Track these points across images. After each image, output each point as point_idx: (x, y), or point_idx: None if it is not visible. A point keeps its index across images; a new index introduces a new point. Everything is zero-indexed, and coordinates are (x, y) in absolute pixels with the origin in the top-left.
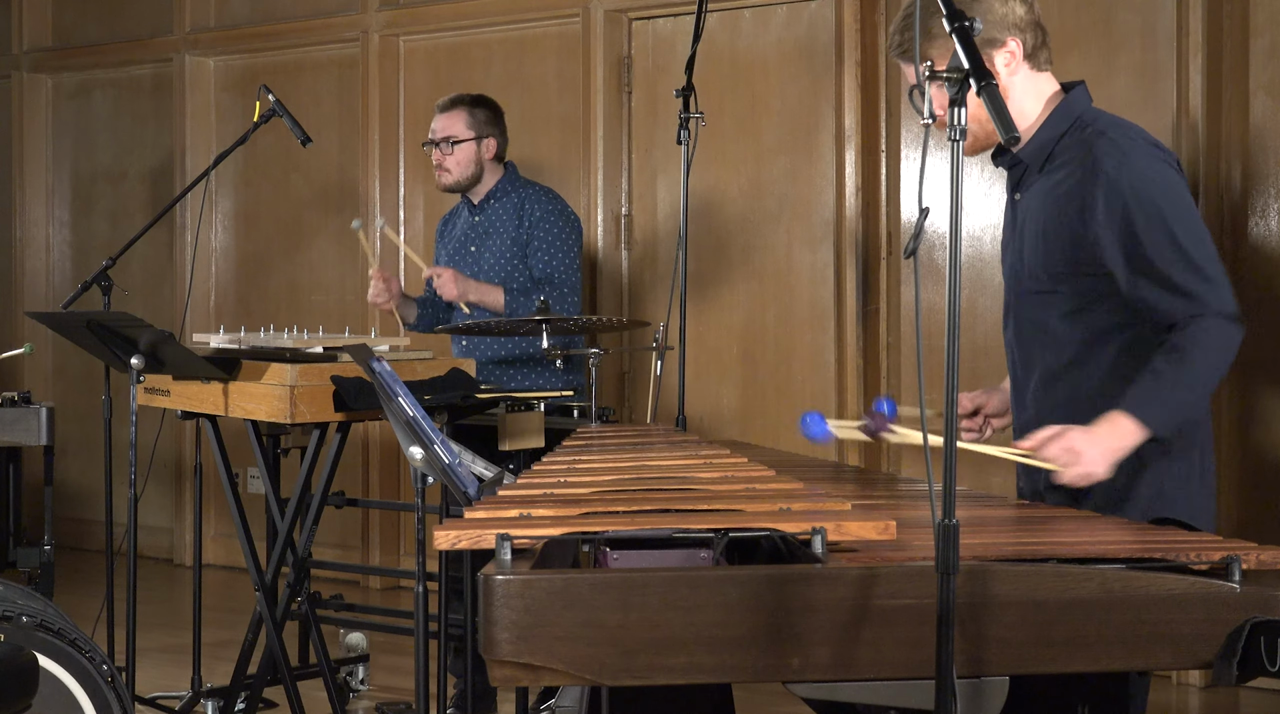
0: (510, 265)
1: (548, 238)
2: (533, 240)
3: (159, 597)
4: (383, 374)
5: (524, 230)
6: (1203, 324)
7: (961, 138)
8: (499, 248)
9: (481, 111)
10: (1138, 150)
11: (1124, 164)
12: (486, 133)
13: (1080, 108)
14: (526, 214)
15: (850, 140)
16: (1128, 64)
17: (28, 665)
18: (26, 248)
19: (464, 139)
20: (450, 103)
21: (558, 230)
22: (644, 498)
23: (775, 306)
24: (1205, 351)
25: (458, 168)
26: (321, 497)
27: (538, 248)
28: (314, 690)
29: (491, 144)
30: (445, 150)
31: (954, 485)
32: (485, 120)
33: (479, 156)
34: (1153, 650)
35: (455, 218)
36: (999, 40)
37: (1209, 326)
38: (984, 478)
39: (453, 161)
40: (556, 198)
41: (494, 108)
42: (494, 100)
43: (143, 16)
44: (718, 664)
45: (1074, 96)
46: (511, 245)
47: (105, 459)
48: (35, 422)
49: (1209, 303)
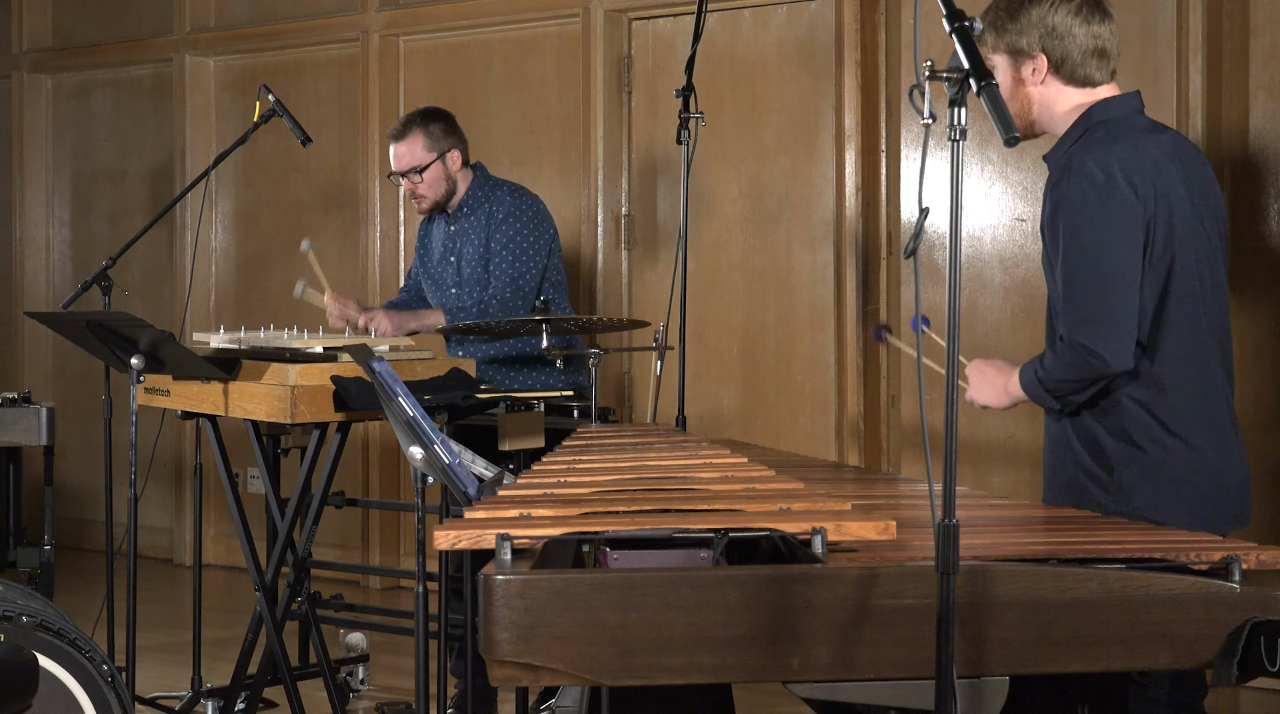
0: (485, 270)
1: (503, 238)
2: (491, 241)
3: (159, 597)
4: (383, 374)
5: (490, 231)
6: (1060, 347)
7: (961, 138)
8: (472, 255)
9: (436, 126)
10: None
11: (1065, 178)
12: (447, 146)
13: (1095, 119)
14: (491, 214)
15: (850, 140)
16: (1128, 64)
17: (28, 665)
18: (26, 248)
19: (428, 163)
20: (403, 128)
21: (517, 228)
22: (644, 498)
23: (775, 306)
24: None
25: (432, 190)
26: (321, 497)
27: (496, 249)
28: (314, 690)
29: (455, 156)
30: (414, 179)
31: (954, 485)
32: (442, 134)
33: (447, 172)
34: (1153, 650)
35: (432, 227)
36: (1026, 51)
37: (1063, 350)
38: (984, 478)
39: (425, 187)
40: (522, 195)
41: (446, 117)
42: (441, 108)
43: (143, 16)
44: (718, 664)
45: (1095, 109)
46: (482, 249)
47: (105, 459)
48: (35, 422)
49: (1068, 329)
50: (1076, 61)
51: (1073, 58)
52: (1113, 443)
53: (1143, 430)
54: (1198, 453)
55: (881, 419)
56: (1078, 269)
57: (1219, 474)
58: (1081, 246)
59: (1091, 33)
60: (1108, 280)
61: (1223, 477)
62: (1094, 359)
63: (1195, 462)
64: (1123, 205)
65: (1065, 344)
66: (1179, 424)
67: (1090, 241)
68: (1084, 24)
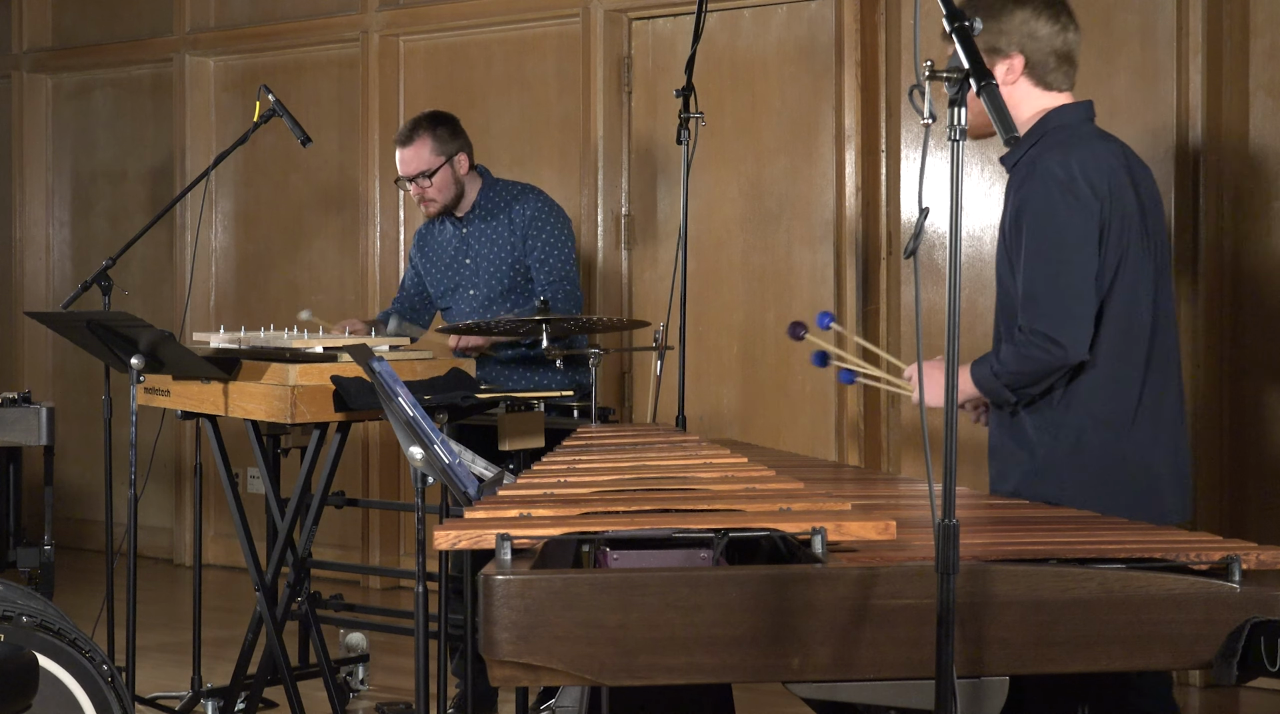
0: (512, 271)
1: (543, 237)
2: (528, 240)
3: (159, 597)
4: (383, 374)
5: (518, 233)
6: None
7: (961, 138)
8: (495, 256)
9: (443, 129)
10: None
11: (1029, 178)
12: (454, 149)
13: (1052, 124)
14: (518, 215)
15: (850, 140)
16: (1128, 64)
17: (28, 665)
18: (26, 248)
19: (437, 167)
20: (409, 133)
21: (551, 227)
22: (644, 498)
23: (775, 307)
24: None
25: (441, 194)
26: (321, 497)
27: (534, 247)
28: (314, 690)
29: (463, 158)
30: (422, 184)
31: (954, 485)
32: (449, 137)
33: (455, 175)
34: (1153, 650)
35: (436, 231)
36: (1003, 51)
37: (1022, 341)
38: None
39: (434, 191)
40: (542, 194)
41: (451, 120)
42: (446, 112)
43: (143, 16)
44: (718, 664)
45: (1053, 114)
46: (510, 251)
47: (105, 459)
48: (35, 422)
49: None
50: (1049, 66)
51: (1046, 62)
52: (1048, 436)
53: (1077, 423)
54: (1130, 446)
55: (881, 419)
56: (1042, 263)
57: (1149, 467)
58: (1046, 242)
59: (1066, 40)
60: (1071, 274)
61: (1154, 470)
62: (1057, 349)
63: (1126, 454)
64: (1084, 204)
65: (1028, 334)
66: (1113, 418)
67: (1055, 238)
68: (1061, 32)
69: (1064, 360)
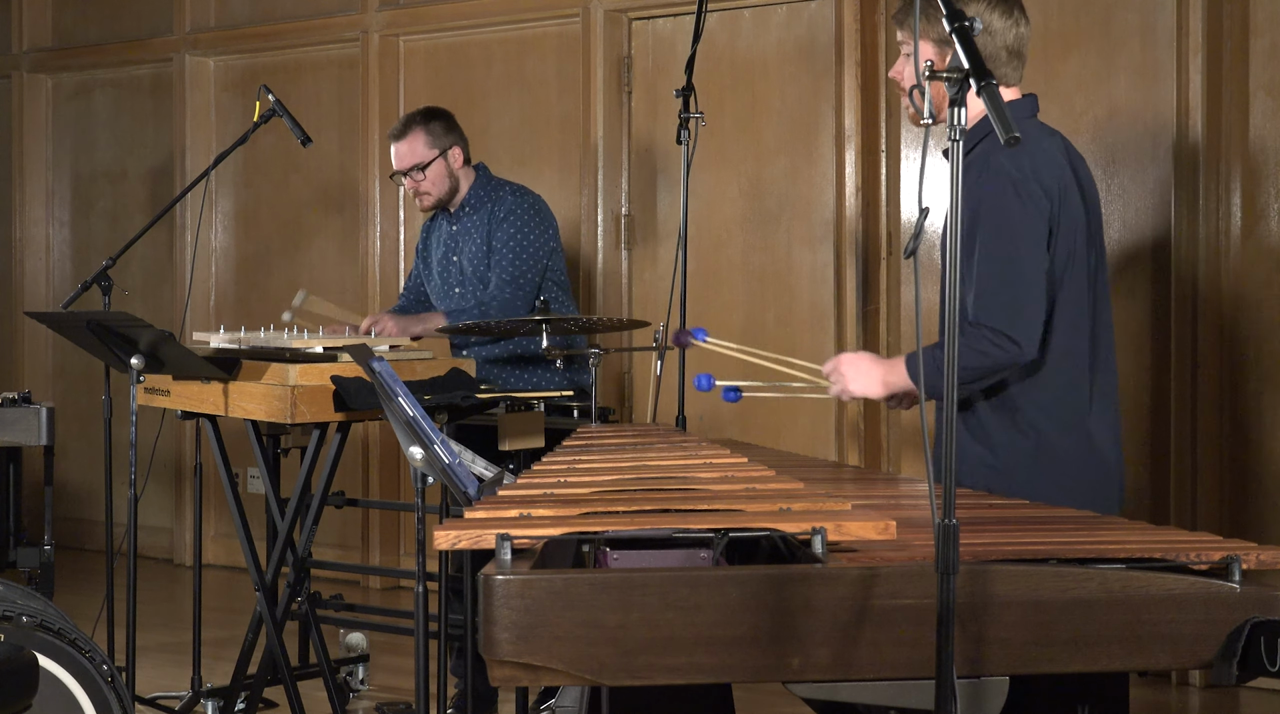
0: (486, 270)
1: (501, 233)
2: (492, 238)
3: (159, 597)
4: (383, 374)
5: (491, 231)
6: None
7: (961, 138)
8: (473, 255)
9: (436, 123)
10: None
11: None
12: (448, 143)
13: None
14: (493, 215)
15: (850, 140)
16: (1128, 64)
17: (28, 665)
18: (26, 248)
19: (430, 160)
20: (403, 127)
21: (514, 224)
22: (644, 498)
23: (775, 306)
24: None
25: (435, 188)
26: (321, 497)
27: (497, 247)
28: (314, 690)
29: (457, 153)
30: (416, 177)
31: (954, 485)
32: (443, 131)
33: (449, 169)
34: (1153, 650)
35: (434, 228)
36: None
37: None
38: None
39: (428, 184)
40: (523, 194)
41: (445, 115)
42: (440, 107)
43: (143, 16)
44: (718, 664)
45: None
46: (484, 249)
47: (105, 459)
48: (35, 422)
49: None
50: (1001, 60)
51: (998, 56)
52: (999, 430)
53: (1036, 419)
54: (1086, 440)
55: (881, 419)
56: (995, 260)
57: (1104, 459)
58: (999, 239)
59: (1017, 35)
60: (1023, 271)
61: (1107, 460)
62: (1010, 345)
63: (1084, 447)
64: (1035, 201)
65: (979, 330)
66: (1070, 415)
67: (1008, 235)
68: (1014, 26)
69: (1017, 357)
